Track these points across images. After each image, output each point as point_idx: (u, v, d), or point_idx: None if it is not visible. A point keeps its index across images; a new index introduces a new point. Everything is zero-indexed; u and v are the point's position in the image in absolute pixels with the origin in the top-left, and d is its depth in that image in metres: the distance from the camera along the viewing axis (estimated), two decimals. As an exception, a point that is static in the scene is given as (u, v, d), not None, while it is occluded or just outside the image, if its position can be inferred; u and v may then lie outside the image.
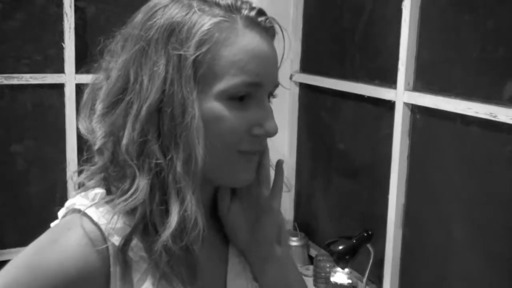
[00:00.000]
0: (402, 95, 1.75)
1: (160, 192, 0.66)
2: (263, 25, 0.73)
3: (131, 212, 0.65)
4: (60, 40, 2.13)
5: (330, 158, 2.19)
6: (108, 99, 0.72)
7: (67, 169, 2.18)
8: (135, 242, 0.65)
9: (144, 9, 0.73)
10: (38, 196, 2.19)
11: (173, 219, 0.64)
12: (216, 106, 0.69)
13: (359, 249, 1.84)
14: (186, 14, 0.69)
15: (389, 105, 1.80)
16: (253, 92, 0.71)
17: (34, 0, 2.09)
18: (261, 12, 0.73)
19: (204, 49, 0.68)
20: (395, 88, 1.77)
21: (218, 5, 0.71)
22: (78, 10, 2.15)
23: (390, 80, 1.80)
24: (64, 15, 2.12)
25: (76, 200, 0.69)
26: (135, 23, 0.72)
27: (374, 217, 1.91)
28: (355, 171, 2.06)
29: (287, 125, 2.37)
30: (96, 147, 0.70)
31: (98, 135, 0.70)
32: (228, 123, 0.70)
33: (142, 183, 0.65)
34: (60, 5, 2.11)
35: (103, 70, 0.76)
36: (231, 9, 0.71)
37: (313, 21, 2.29)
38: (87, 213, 0.66)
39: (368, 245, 1.86)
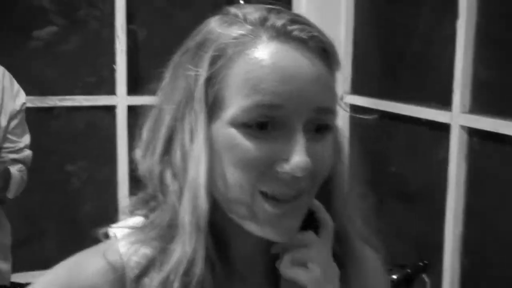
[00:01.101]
0: (458, 117, 1.68)
1: (171, 229, 0.61)
2: (295, 35, 0.58)
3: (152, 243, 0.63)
4: (112, 63, 2.17)
5: (382, 181, 2.13)
6: (159, 137, 0.64)
7: (118, 189, 2.20)
8: (153, 274, 0.63)
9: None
10: (89, 215, 2.22)
11: (173, 258, 0.59)
12: (230, 133, 0.58)
13: (414, 279, 1.77)
14: (209, 32, 0.60)
15: (445, 128, 1.73)
16: (278, 118, 0.57)
17: (88, 23, 2.15)
18: (294, 20, 0.59)
19: (216, 66, 0.58)
20: (450, 110, 1.70)
21: (245, 19, 0.60)
22: (130, 33, 2.19)
23: (445, 102, 1.73)
24: (116, 38, 2.16)
25: (116, 226, 0.69)
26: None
27: (429, 245, 1.83)
28: (408, 196, 1.99)
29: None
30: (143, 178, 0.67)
31: (154, 174, 0.64)
32: (243, 153, 0.57)
33: (159, 217, 0.62)
34: (112, 28, 2.16)
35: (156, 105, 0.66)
36: (259, 22, 0.59)
37: (364, 41, 2.26)
38: (117, 241, 0.65)
39: (424, 276, 1.78)
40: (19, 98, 1.69)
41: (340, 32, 2.28)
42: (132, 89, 2.17)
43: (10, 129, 1.66)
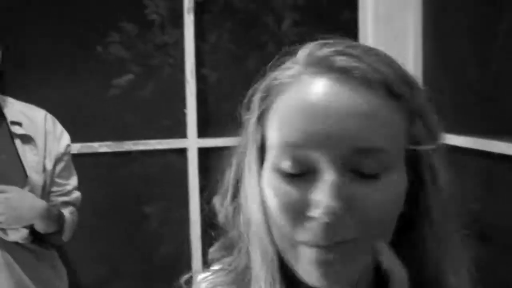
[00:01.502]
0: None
1: (247, 273, 0.60)
2: (337, 65, 0.52)
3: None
4: (184, 107, 2.25)
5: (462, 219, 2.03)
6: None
7: (190, 230, 2.24)
8: None
9: None
10: (165, 256, 2.26)
11: None
12: (269, 176, 0.54)
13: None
14: (263, 75, 0.59)
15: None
16: (307, 159, 0.51)
17: (162, 69, 2.25)
18: (340, 51, 0.54)
19: (262, 108, 0.56)
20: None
21: (296, 57, 0.57)
22: (201, 77, 2.26)
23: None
24: (186, 82, 2.24)
25: (201, 273, 0.70)
26: None
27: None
28: (491, 237, 1.89)
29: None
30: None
31: (229, 219, 0.64)
32: (277, 198, 0.52)
33: (235, 261, 0.62)
34: (183, 73, 2.24)
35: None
36: (305, 57, 0.56)
37: (434, 75, 2.21)
38: (198, 284, 0.66)
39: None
40: (63, 140, 1.66)
41: (408, 65, 2.24)
42: (203, 131, 2.22)
43: (57, 173, 1.63)
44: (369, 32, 2.29)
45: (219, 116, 2.23)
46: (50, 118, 1.65)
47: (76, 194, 1.71)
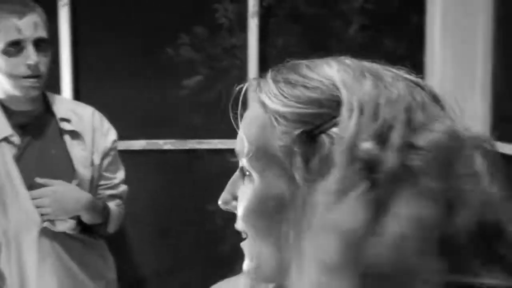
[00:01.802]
0: None
1: None
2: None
3: None
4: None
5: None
6: None
7: None
8: None
9: None
10: (228, 254, 2.31)
11: None
12: None
13: None
14: None
15: None
16: None
17: (229, 71, 2.29)
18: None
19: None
20: None
21: None
22: None
23: None
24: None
25: None
26: None
27: None
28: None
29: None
30: None
31: None
32: None
33: None
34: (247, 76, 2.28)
35: None
36: None
37: (504, 80, 2.15)
38: None
39: None
40: (110, 136, 1.71)
41: (476, 72, 2.18)
42: None
43: (104, 167, 1.69)
44: (437, 37, 2.26)
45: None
46: (98, 115, 1.71)
47: (123, 188, 1.76)
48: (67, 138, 1.62)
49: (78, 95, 2.19)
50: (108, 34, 2.24)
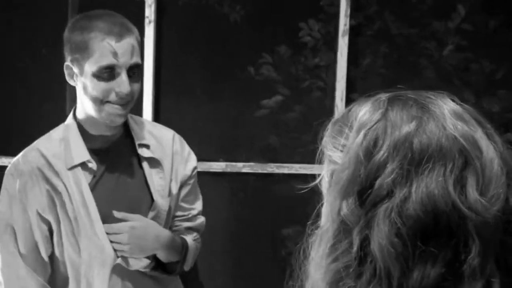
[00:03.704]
0: None
1: None
2: None
3: None
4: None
5: None
6: None
7: None
8: None
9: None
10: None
11: None
12: None
13: None
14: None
15: None
16: None
17: (311, 92, 2.24)
18: None
19: None
20: None
21: None
22: (350, 102, 2.21)
23: None
24: (335, 107, 2.22)
25: None
26: None
27: None
28: None
29: None
30: None
31: None
32: None
33: None
34: (332, 96, 2.23)
35: None
36: None
37: None
38: None
39: None
40: (190, 163, 1.58)
41: None
42: None
43: (182, 197, 1.57)
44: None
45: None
46: (178, 139, 1.59)
47: (201, 220, 1.65)
48: (145, 165, 1.51)
49: (158, 115, 2.21)
50: (190, 53, 2.26)
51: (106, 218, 1.45)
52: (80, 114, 1.48)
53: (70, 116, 1.51)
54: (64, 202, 1.44)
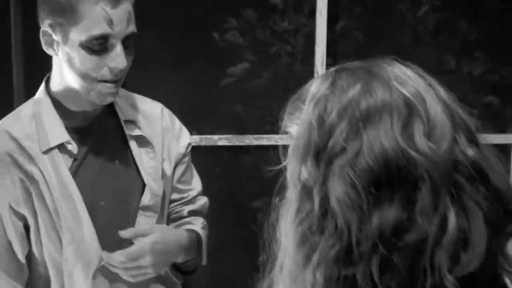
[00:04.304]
0: None
1: None
2: None
3: None
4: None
5: None
6: None
7: None
8: None
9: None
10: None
11: None
12: None
13: None
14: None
15: None
16: None
17: (279, 58, 2.15)
18: None
19: None
20: None
21: None
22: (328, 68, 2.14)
23: None
24: (315, 73, 2.11)
25: None
26: None
27: None
28: None
29: None
30: None
31: None
32: None
33: None
34: (306, 64, 2.12)
35: None
36: None
37: None
38: None
39: None
40: (183, 139, 1.39)
41: None
42: None
43: (177, 178, 1.39)
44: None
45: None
46: (167, 113, 1.39)
47: (203, 200, 1.45)
48: (133, 145, 1.31)
49: (124, 86, 2.10)
50: (150, 19, 2.14)
51: (92, 209, 1.25)
52: (56, 87, 1.25)
53: (42, 89, 1.28)
54: (41, 192, 1.23)
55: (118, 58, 1.17)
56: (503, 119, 2.40)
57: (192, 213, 1.42)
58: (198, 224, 1.39)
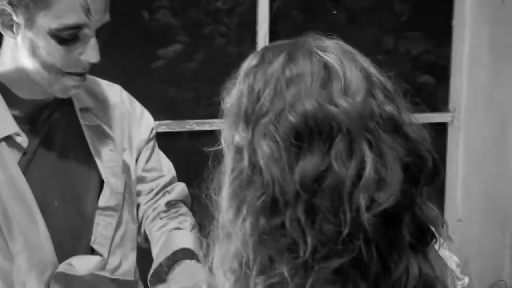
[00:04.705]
0: None
1: None
2: None
3: None
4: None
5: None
6: None
7: None
8: None
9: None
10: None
11: None
12: None
13: None
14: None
15: None
16: None
17: (213, 40, 2.08)
18: None
19: None
20: None
21: None
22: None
23: None
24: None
25: None
26: None
27: None
28: None
29: None
30: None
31: None
32: None
33: None
34: (245, 44, 2.06)
35: None
36: None
37: None
38: None
39: None
40: (145, 124, 1.27)
41: None
42: None
43: (142, 167, 1.25)
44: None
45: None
46: (126, 96, 1.26)
47: (180, 186, 1.29)
48: (90, 136, 1.17)
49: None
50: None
51: (45, 210, 1.11)
52: (4, 70, 1.10)
53: None
54: None
55: (91, 52, 1.03)
56: (436, 98, 2.44)
57: (170, 205, 1.25)
58: (187, 228, 1.22)
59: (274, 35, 2.08)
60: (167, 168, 1.30)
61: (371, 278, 0.63)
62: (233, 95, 0.69)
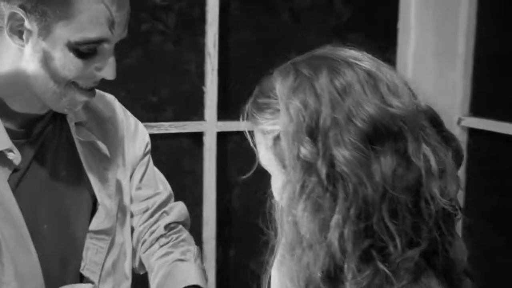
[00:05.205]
0: None
1: None
2: None
3: None
4: (201, 84, 2.00)
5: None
6: None
7: (203, 218, 2.06)
8: None
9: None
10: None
11: None
12: None
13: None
14: None
15: None
16: None
17: (149, 38, 1.97)
18: None
19: None
20: None
21: None
22: (223, 49, 1.99)
23: None
24: (207, 55, 1.97)
25: None
26: None
27: None
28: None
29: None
30: None
31: None
32: None
33: None
34: (198, 44, 1.99)
35: None
36: None
37: (486, 57, 2.06)
38: None
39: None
40: (140, 138, 1.18)
41: (458, 48, 2.10)
42: (224, 113, 2.02)
43: (136, 184, 1.17)
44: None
45: (239, 96, 1.98)
46: (120, 107, 1.18)
47: (179, 206, 1.23)
48: (83, 152, 1.09)
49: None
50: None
51: (34, 234, 1.01)
52: (7, 83, 0.99)
53: None
54: None
55: (109, 69, 0.97)
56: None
57: (170, 228, 1.18)
58: (191, 260, 1.15)
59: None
60: (163, 184, 1.23)
61: (439, 266, 0.69)
62: (284, 115, 0.71)
